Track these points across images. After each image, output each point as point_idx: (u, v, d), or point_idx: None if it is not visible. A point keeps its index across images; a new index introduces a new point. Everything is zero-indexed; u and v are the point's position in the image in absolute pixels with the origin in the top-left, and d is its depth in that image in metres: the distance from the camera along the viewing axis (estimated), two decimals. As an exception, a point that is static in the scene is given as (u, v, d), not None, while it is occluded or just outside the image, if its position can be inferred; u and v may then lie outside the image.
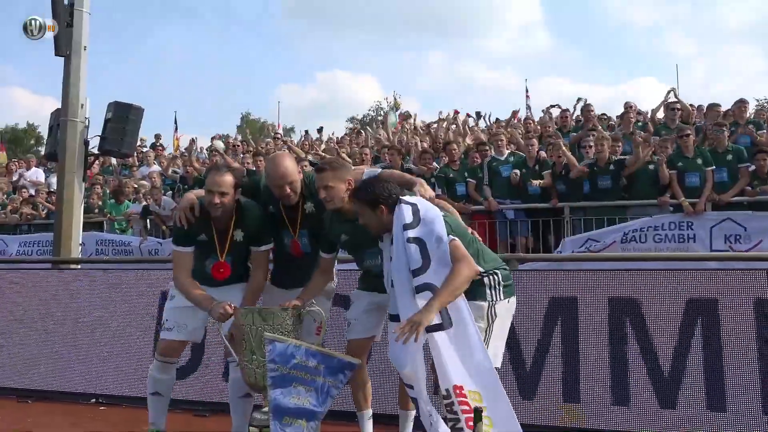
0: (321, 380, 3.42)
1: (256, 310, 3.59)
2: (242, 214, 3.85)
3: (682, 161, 7.47)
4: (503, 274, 3.47)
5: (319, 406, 3.40)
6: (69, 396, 5.38)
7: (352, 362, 3.54)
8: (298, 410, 3.35)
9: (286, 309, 3.60)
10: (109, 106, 7.62)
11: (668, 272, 4.37)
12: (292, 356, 3.38)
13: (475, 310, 3.29)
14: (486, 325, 3.36)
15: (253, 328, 3.51)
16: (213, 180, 3.73)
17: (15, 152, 30.82)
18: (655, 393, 4.15)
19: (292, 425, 3.33)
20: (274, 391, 3.33)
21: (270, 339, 3.38)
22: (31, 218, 10.49)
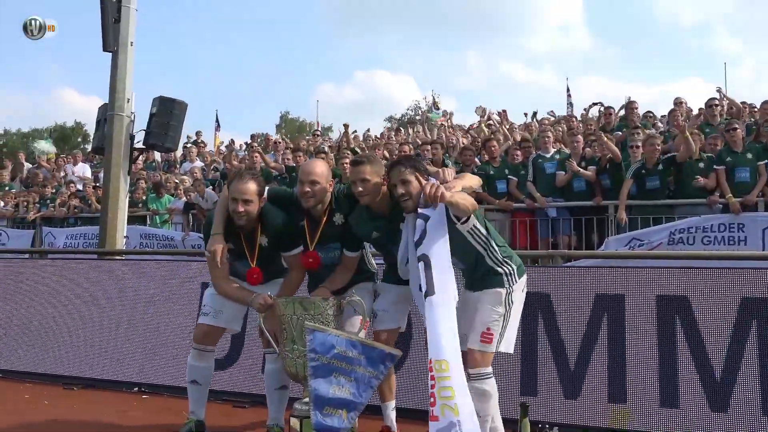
0: (361, 371, 3.39)
1: (297, 300, 3.58)
2: (265, 220, 3.84)
3: (731, 156, 7.20)
4: (514, 260, 3.58)
5: (360, 397, 3.37)
6: (113, 384, 5.48)
7: (392, 353, 3.50)
8: (339, 400, 3.32)
9: (327, 299, 3.59)
10: (153, 101, 7.77)
11: (721, 270, 4.20)
12: (333, 346, 3.35)
13: (493, 296, 3.45)
14: (504, 311, 3.46)
15: (294, 318, 3.50)
16: (237, 188, 3.71)
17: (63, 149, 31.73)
18: (706, 395, 4.00)
19: (332, 415, 3.30)
20: (315, 381, 3.31)
21: (311, 328, 3.36)
22: (79, 211, 10.76)
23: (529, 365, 4.36)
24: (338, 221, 3.85)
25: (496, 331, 3.41)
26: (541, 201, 7.73)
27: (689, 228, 7.06)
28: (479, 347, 3.37)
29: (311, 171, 3.76)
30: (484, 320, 3.41)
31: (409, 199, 3.47)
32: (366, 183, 3.60)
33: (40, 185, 12.09)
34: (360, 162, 3.67)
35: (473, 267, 3.53)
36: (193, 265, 5.64)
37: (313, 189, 3.73)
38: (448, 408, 3.00)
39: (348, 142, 10.69)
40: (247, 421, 4.55)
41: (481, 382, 3.34)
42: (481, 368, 3.35)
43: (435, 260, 3.24)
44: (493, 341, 3.39)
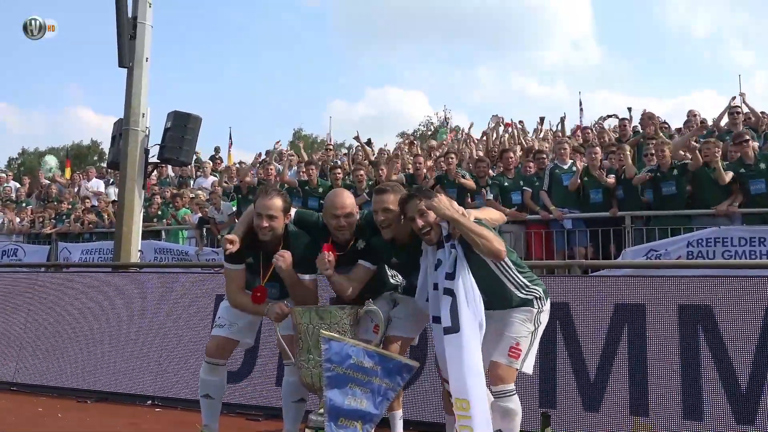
0: (377, 382, 3.33)
1: (314, 309, 3.53)
2: (289, 241, 3.79)
3: (743, 168, 7.06)
4: (542, 287, 3.52)
5: (375, 409, 3.31)
6: (126, 397, 5.45)
7: (409, 364, 3.44)
8: (354, 412, 3.26)
9: (344, 308, 3.54)
10: (168, 116, 7.83)
11: (743, 279, 4.11)
12: (349, 356, 3.30)
13: (524, 313, 3.41)
14: (533, 328, 3.42)
15: (310, 327, 3.45)
16: (262, 203, 3.66)
17: (80, 167, 32.10)
18: (731, 407, 3.89)
19: (347, 427, 3.24)
20: (330, 392, 3.25)
21: (327, 338, 3.31)
22: (94, 227, 10.82)
23: (549, 377, 4.28)
24: (360, 245, 3.81)
25: (524, 348, 3.35)
26: (556, 213, 7.64)
27: (707, 240, 6.93)
28: (507, 361, 3.29)
29: (345, 204, 3.72)
30: (514, 335, 3.35)
31: (430, 230, 3.41)
32: (388, 213, 3.58)
33: (55, 200, 12.19)
34: (384, 191, 3.63)
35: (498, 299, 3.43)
36: (207, 279, 5.63)
37: (349, 221, 3.72)
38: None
39: (366, 155, 10.66)
40: (261, 434, 4.50)
41: (506, 400, 3.27)
42: (506, 385, 3.28)
43: (463, 295, 3.22)
44: (520, 357, 3.33)
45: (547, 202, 7.78)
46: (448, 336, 3.17)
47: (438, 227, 3.40)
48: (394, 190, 3.65)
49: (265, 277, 3.81)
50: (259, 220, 3.67)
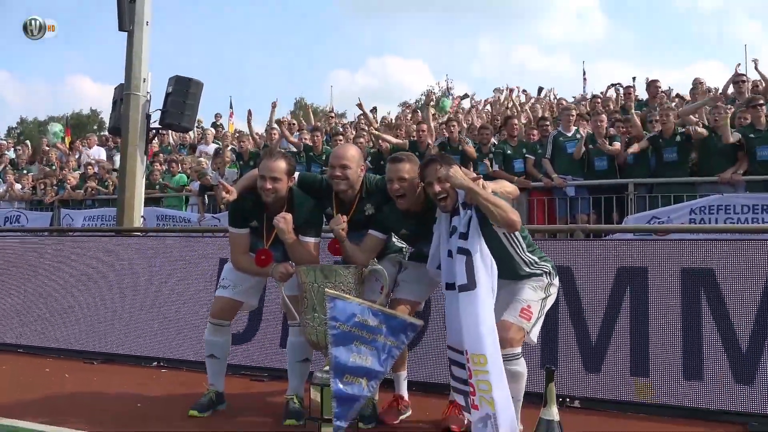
0: (382, 340, 3.36)
1: (319, 268, 3.54)
2: (293, 204, 3.78)
3: (753, 133, 7.02)
4: (551, 264, 3.56)
5: (380, 366, 3.34)
6: (132, 359, 5.51)
7: (414, 323, 3.47)
8: (359, 369, 3.29)
9: (349, 267, 3.56)
10: (169, 81, 7.76)
11: (747, 242, 4.12)
12: (354, 314, 3.32)
13: (535, 281, 3.43)
14: (544, 296, 3.44)
15: (315, 286, 3.47)
16: (266, 165, 3.66)
17: (80, 136, 31.96)
18: (731, 368, 3.93)
19: (352, 384, 3.28)
20: (336, 349, 3.28)
21: (331, 296, 3.33)
22: (95, 193, 10.82)
23: (551, 339, 4.31)
24: (368, 211, 3.80)
25: (535, 312, 3.36)
26: (558, 180, 7.63)
27: (710, 207, 6.93)
28: (517, 321, 3.30)
29: (342, 155, 3.73)
30: (526, 298, 3.36)
31: (447, 197, 3.40)
32: (403, 182, 3.55)
33: (54, 167, 12.16)
34: (399, 159, 3.60)
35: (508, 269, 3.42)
36: (211, 242, 5.65)
37: (344, 173, 3.70)
38: (485, 401, 3.10)
39: (370, 123, 10.60)
40: (265, 393, 4.55)
41: (513, 363, 3.29)
42: (513, 349, 3.30)
43: (479, 254, 3.22)
44: (531, 320, 3.34)
45: (549, 169, 7.77)
46: (464, 294, 3.18)
47: (454, 194, 3.39)
48: (410, 159, 3.62)
49: (269, 240, 3.82)
50: (262, 182, 3.66)
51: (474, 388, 3.13)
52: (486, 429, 3.08)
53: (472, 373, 3.14)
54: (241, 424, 3.73)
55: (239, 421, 3.80)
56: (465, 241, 3.26)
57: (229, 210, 4.02)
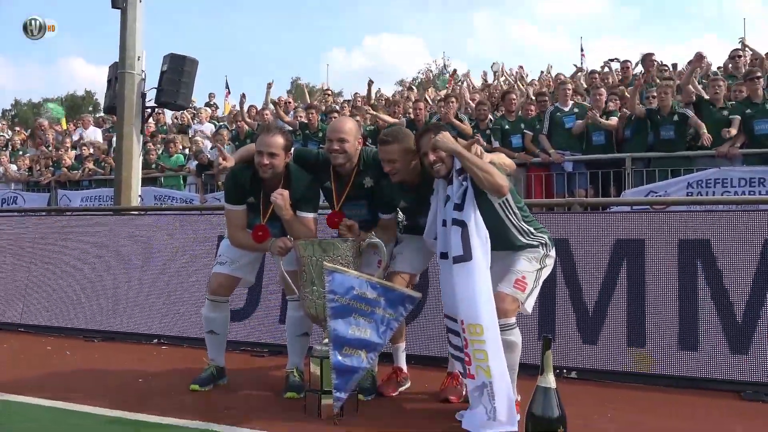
0: (380, 312, 3.38)
1: (317, 242, 3.56)
2: (290, 180, 3.77)
3: (751, 108, 7.00)
4: (547, 235, 3.54)
5: (379, 338, 3.37)
6: (132, 336, 5.55)
7: (412, 295, 3.49)
8: (358, 341, 3.32)
9: (347, 240, 3.57)
10: (164, 59, 7.71)
11: (742, 213, 4.14)
12: (352, 287, 3.34)
13: (531, 252, 3.42)
14: (539, 267, 3.43)
15: (313, 260, 3.48)
16: (263, 141, 3.65)
17: (75, 118, 31.82)
18: (727, 338, 3.97)
19: (352, 356, 3.31)
20: (334, 322, 3.31)
21: (329, 270, 3.34)
22: (92, 174, 10.79)
23: (548, 311, 4.35)
24: (367, 184, 3.81)
25: (530, 283, 3.37)
26: (556, 156, 7.62)
27: (707, 180, 6.94)
28: (511, 291, 3.32)
29: (340, 128, 3.72)
30: (521, 269, 3.37)
31: (441, 165, 3.40)
32: (394, 162, 3.55)
33: (50, 147, 12.11)
34: (386, 141, 3.58)
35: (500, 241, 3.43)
36: (209, 220, 5.65)
37: (342, 146, 3.69)
38: (482, 369, 3.13)
39: (369, 98, 10.51)
40: (266, 368, 4.59)
41: (507, 333, 3.31)
42: (507, 319, 3.32)
43: (473, 225, 3.24)
44: (526, 290, 3.35)
45: (547, 145, 7.76)
46: (459, 265, 3.19)
47: (450, 160, 3.39)
48: (398, 138, 3.58)
49: (266, 216, 3.83)
50: (259, 157, 3.65)
51: (470, 357, 3.15)
52: (482, 398, 3.12)
53: (468, 342, 3.16)
54: (242, 398, 3.77)
55: (240, 395, 3.84)
56: (460, 212, 3.27)
57: (224, 186, 4.02)
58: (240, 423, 3.24)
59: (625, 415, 3.45)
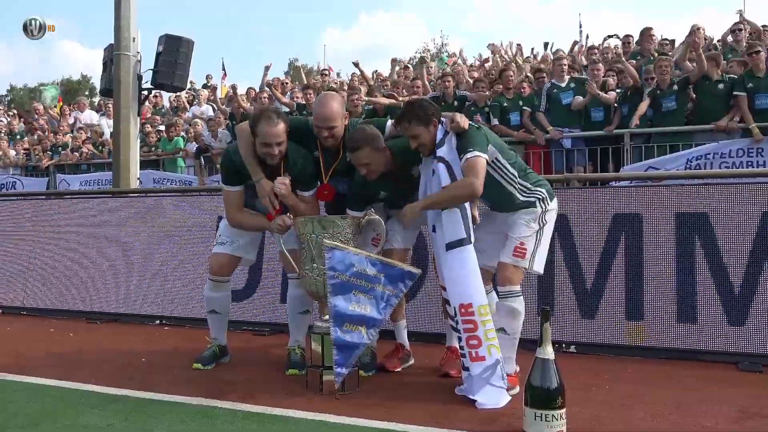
0: (380, 289, 3.41)
1: (316, 219, 3.57)
2: (289, 159, 3.77)
3: (752, 81, 6.96)
4: (546, 188, 3.53)
5: (379, 314, 3.40)
6: (135, 318, 5.59)
7: (412, 271, 3.51)
8: (358, 317, 3.35)
9: (346, 217, 3.58)
10: (159, 40, 7.65)
11: (740, 186, 4.15)
12: (351, 264, 3.36)
13: (528, 213, 3.42)
14: (538, 227, 3.44)
15: (313, 237, 3.50)
16: (269, 132, 3.59)
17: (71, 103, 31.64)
18: (725, 310, 4.01)
19: (352, 332, 3.34)
20: (335, 299, 3.33)
21: (329, 247, 3.36)
22: (91, 157, 10.78)
23: (546, 285, 4.38)
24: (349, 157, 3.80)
25: (530, 248, 3.39)
26: (554, 133, 7.60)
27: (706, 154, 6.94)
28: (512, 261, 3.36)
29: (329, 117, 3.69)
30: (518, 235, 3.39)
31: (423, 147, 3.44)
32: (369, 166, 3.55)
33: (46, 132, 12.08)
34: (356, 148, 3.52)
35: (501, 203, 3.48)
36: (208, 201, 5.66)
37: (332, 132, 3.70)
38: (494, 347, 3.20)
39: (366, 80, 10.47)
40: (268, 346, 4.64)
41: (511, 300, 3.36)
42: (512, 286, 3.36)
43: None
44: (526, 256, 3.37)
45: (544, 122, 7.74)
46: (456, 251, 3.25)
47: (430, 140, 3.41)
48: (366, 141, 3.52)
49: None
50: (268, 148, 3.63)
51: (481, 339, 3.19)
52: (494, 374, 3.17)
53: (478, 325, 3.19)
54: (245, 375, 3.81)
55: (242, 372, 3.88)
56: None
57: (222, 168, 4.02)
58: (243, 400, 3.28)
59: (623, 387, 3.49)
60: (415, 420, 2.96)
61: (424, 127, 3.40)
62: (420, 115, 3.39)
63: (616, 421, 2.96)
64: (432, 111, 3.42)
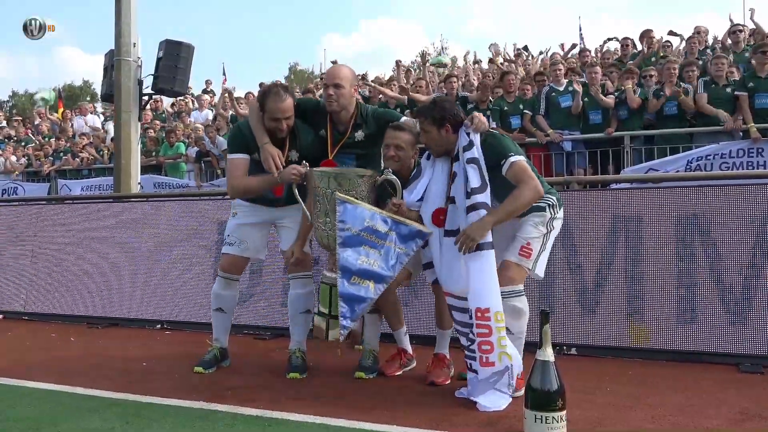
0: (391, 246, 3.36)
1: (332, 175, 3.52)
2: (297, 135, 3.82)
3: (753, 81, 6.95)
4: (556, 196, 3.56)
5: (388, 271, 3.35)
6: (135, 322, 5.59)
7: (423, 231, 3.45)
8: (366, 272, 3.31)
9: (362, 175, 3.53)
10: (160, 45, 7.69)
11: (739, 187, 4.15)
12: (363, 219, 3.33)
13: (537, 217, 3.40)
14: (546, 231, 3.44)
15: (328, 192, 3.46)
16: (277, 107, 3.66)
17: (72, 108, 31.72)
18: (726, 311, 4.01)
19: (359, 285, 3.30)
20: (343, 251, 3.30)
21: (341, 200, 3.34)
22: (92, 162, 10.80)
23: (547, 288, 4.37)
24: (359, 137, 3.83)
25: (535, 249, 3.39)
26: (553, 135, 7.62)
27: (707, 156, 6.94)
28: (517, 259, 3.35)
29: (335, 74, 3.77)
30: (525, 235, 3.38)
31: (432, 150, 3.51)
32: (400, 150, 3.59)
33: (48, 137, 12.10)
34: (401, 128, 3.62)
35: None
36: (208, 207, 5.67)
37: (337, 92, 3.73)
38: (506, 355, 3.20)
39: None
40: (268, 349, 4.64)
41: (514, 299, 3.35)
42: (515, 286, 3.35)
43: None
44: (531, 257, 3.37)
45: (544, 125, 7.75)
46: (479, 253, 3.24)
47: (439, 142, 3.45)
48: (411, 130, 3.63)
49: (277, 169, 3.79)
50: (277, 123, 3.71)
51: (493, 345, 3.17)
52: (501, 380, 3.17)
53: (493, 330, 3.17)
54: (246, 379, 3.81)
55: (243, 376, 3.88)
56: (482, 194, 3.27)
57: (228, 137, 4.03)
58: (244, 403, 3.27)
59: (624, 389, 3.49)
60: (416, 423, 2.95)
61: (435, 127, 3.44)
62: (434, 116, 3.44)
63: (617, 423, 2.95)
64: (448, 116, 3.44)
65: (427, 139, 3.49)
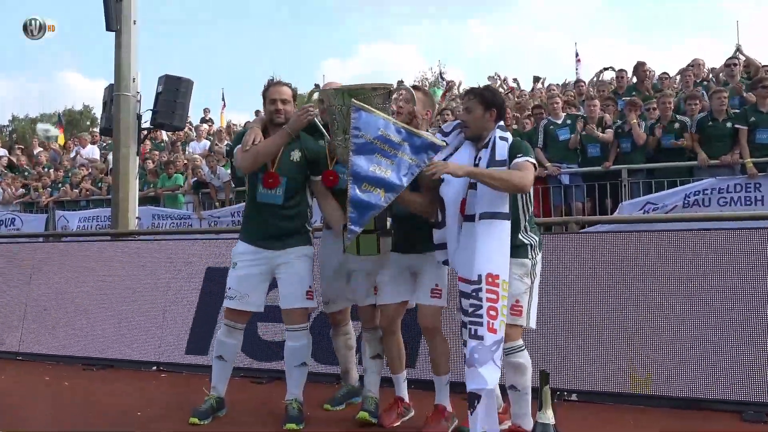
0: (404, 156, 3.32)
1: (346, 91, 3.49)
2: (303, 138, 3.91)
3: (755, 115, 6.96)
4: (539, 236, 3.52)
5: (399, 180, 3.30)
6: (131, 364, 5.53)
7: (436, 143, 3.39)
8: (378, 179, 3.27)
9: (376, 89, 3.48)
10: (159, 80, 7.70)
11: (738, 231, 4.13)
12: (377, 127, 3.30)
13: (520, 267, 3.35)
14: (530, 283, 3.41)
15: (344, 109, 3.44)
16: (275, 90, 3.90)
17: (72, 133, 31.80)
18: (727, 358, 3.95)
19: (370, 192, 3.25)
20: (356, 158, 3.26)
21: (357, 107, 3.30)
22: (90, 194, 10.80)
23: (547, 334, 4.33)
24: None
25: (525, 304, 3.36)
26: (552, 169, 7.63)
27: (704, 190, 6.95)
28: (510, 320, 3.29)
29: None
30: (513, 293, 3.32)
31: (467, 129, 3.47)
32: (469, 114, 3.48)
33: (47, 166, 12.12)
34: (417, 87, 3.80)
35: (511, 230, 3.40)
36: (204, 246, 5.64)
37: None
38: (503, 324, 3.17)
39: None
40: (265, 396, 4.56)
41: (516, 355, 3.31)
42: (513, 342, 3.31)
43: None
44: (523, 314, 3.35)
45: (542, 158, 7.76)
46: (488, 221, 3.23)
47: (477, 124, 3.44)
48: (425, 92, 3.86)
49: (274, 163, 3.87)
50: (273, 105, 3.87)
51: (498, 312, 3.13)
52: (497, 351, 3.11)
53: (500, 298, 3.14)
54: (242, 428, 3.75)
55: (240, 426, 3.81)
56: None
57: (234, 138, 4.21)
58: (239, 457, 3.22)
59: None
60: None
61: (482, 107, 3.41)
62: (486, 96, 3.44)
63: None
64: (498, 104, 3.46)
65: (468, 117, 3.45)
